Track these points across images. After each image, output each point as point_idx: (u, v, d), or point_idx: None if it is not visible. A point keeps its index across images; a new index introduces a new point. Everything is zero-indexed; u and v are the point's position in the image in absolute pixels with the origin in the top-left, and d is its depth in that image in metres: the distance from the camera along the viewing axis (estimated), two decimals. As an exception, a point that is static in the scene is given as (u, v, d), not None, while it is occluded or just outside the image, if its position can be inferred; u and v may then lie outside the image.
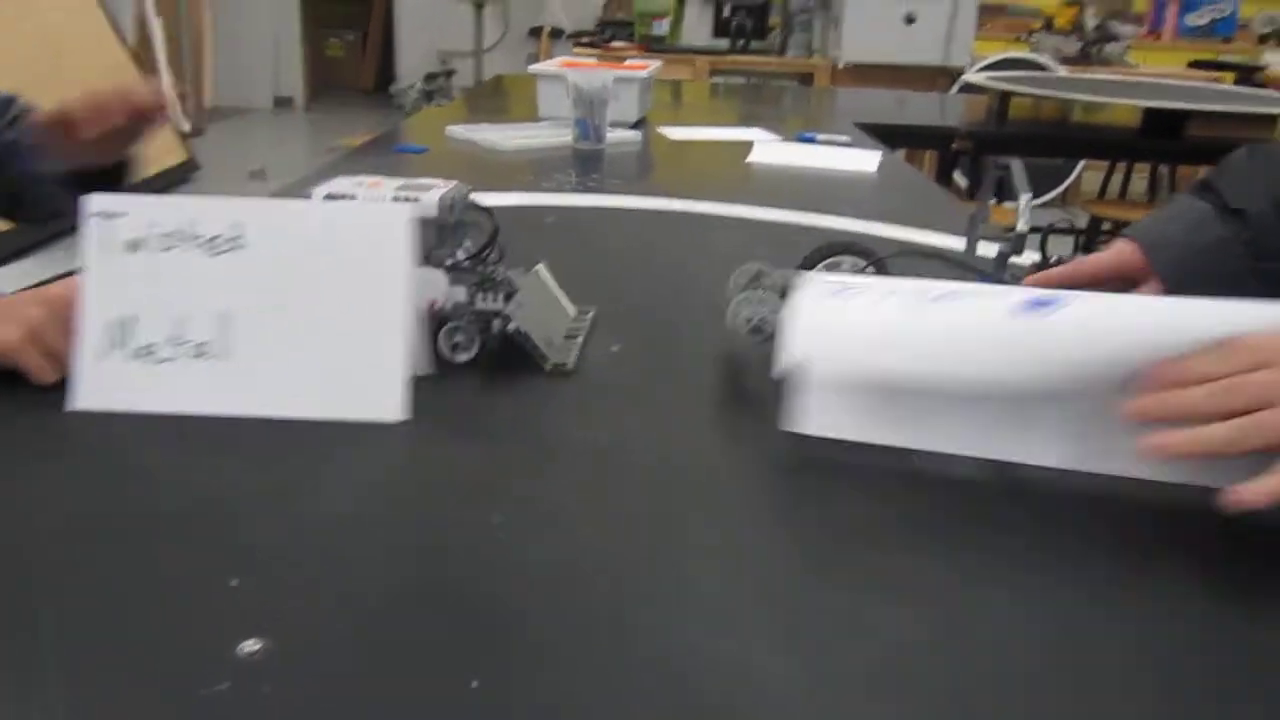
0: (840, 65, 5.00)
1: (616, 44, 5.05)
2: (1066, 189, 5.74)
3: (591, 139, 1.87)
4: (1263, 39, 7.18)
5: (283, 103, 8.55)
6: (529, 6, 7.93)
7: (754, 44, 5.06)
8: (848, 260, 0.79)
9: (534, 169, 1.65)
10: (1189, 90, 3.17)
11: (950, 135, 2.89)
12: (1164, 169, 4.51)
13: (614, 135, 1.92)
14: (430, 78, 7.40)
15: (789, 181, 1.65)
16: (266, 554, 0.50)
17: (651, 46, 4.96)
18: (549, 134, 1.93)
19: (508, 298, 0.73)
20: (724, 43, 5.06)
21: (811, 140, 2.07)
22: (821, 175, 1.71)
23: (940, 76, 5.05)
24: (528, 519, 0.54)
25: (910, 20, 4.89)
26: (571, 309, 0.82)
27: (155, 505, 0.54)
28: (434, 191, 0.74)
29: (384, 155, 1.77)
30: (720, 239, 1.15)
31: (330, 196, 0.73)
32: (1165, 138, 2.81)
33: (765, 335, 0.71)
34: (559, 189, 1.48)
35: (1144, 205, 3.74)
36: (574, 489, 0.58)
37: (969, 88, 4.21)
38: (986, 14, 6.55)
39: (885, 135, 2.44)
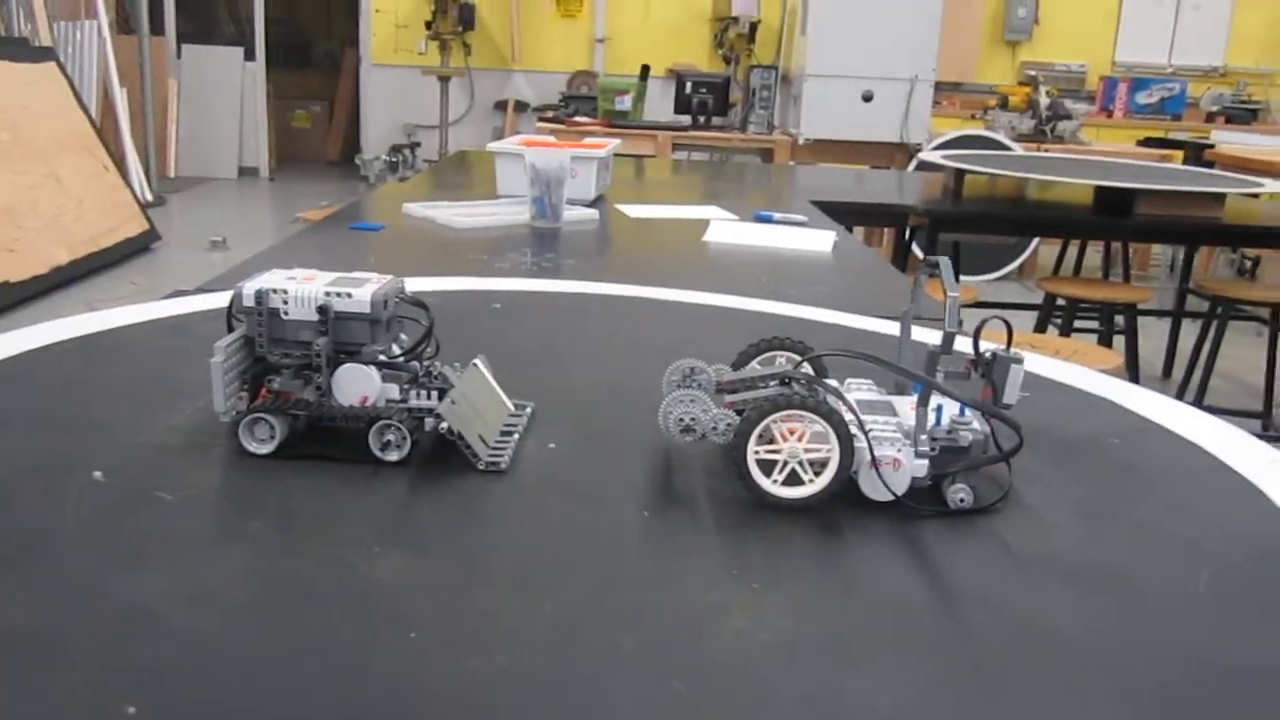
0: (800, 141, 5.08)
1: (580, 119, 5.11)
2: (1023, 264, 5.83)
3: (549, 217, 1.87)
4: (1210, 117, 7.39)
5: (247, 172, 8.56)
6: (494, 80, 8.03)
7: (715, 120, 5.13)
8: (782, 355, 0.78)
9: (488, 248, 1.65)
10: (1139, 169, 3.23)
11: (907, 213, 2.93)
12: (1118, 245, 4.59)
13: (572, 213, 1.93)
14: (395, 149, 7.44)
15: (743, 263, 1.65)
16: (166, 675, 0.48)
17: (614, 122, 5.02)
18: (506, 212, 1.93)
19: (441, 395, 0.71)
20: (686, 119, 5.13)
21: (769, 220, 2.09)
22: (776, 256, 1.71)
23: (898, 152, 5.15)
24: (449, 632, 0.52)
25: (868, 98, 4.99)
26: (509, 404, 0.81)
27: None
28: (366, 288, 0.72)
29: (340, 232, 1.76)
30: (669, 327, 1.15)
31: (260, 292, 0.71)
32: (1117, 215, 2.86)
33: (697, 435, 0.70)
34: (511, 271, 1.47)
35: (1098, 281, 3.79)
36: (499, 598, 0.56)
37: (925, 165, 4.29)
38: (942, 91, 6.71)
39: (843, 213, 2.47)
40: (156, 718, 0.45)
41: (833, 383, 0.73)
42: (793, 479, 0.67)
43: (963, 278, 4.16)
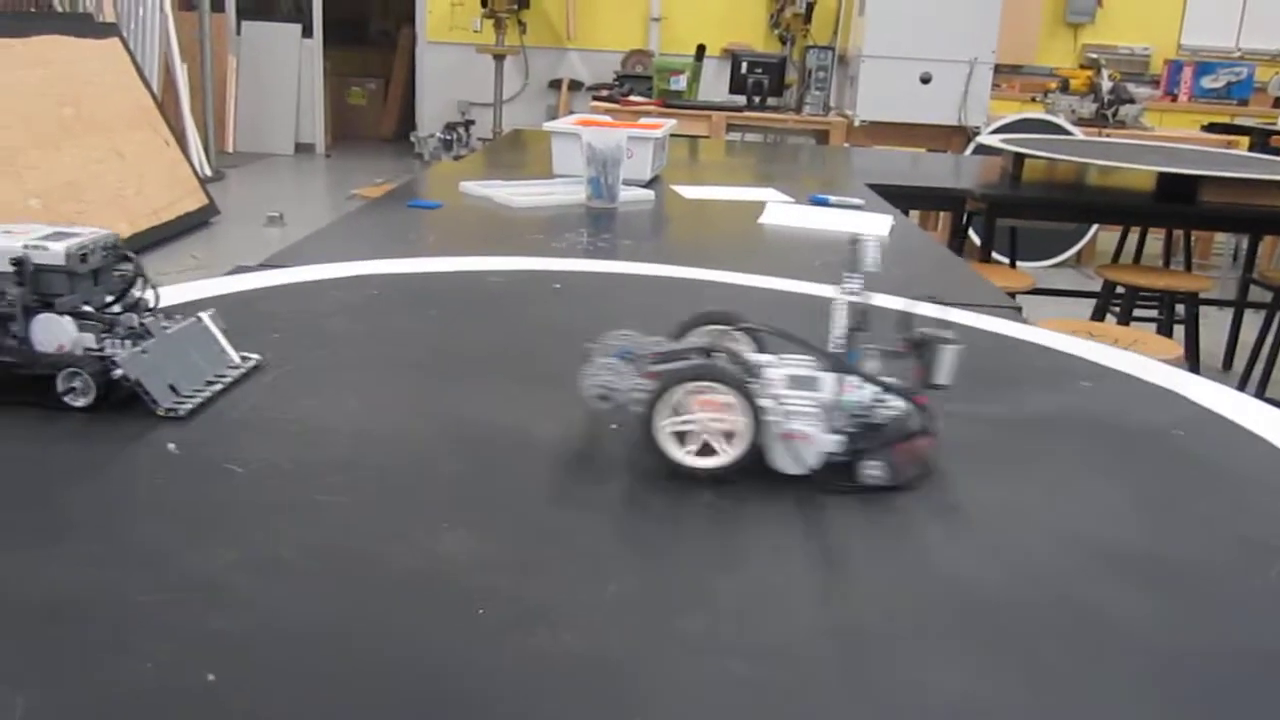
0: (856, 123, 5.04)
1: (635, 98, 5.10)
2: (1081, 250, 5.74)
3: (605, 198, 1.88)
4: (1278, 102, 7.20)
5: (304, 149, 8.65)
6: (549, 59, 8.03)
7: (771, 101, 5.10)
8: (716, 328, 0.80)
9: (545, 228, 1.65)
10: (1203, 155, 3.17)
11: (964, 197, 2.90)
12: (1179, 233, 4.51)
13: (628, 194, 1.93)
14: (450, 127, 7.47)
15: (800, 246, 1.65)
16: (245, 644, 0.49)
17: (669, 101, 5.01)
18: (562, 191, 1.94)
19: (136, 344, 0.75)
20: (741, 99, 5.10)
21: (825, 202, 2.08)
22: (833, 239, 1.70)
23: (955, 135, 5.08)
24: (515, 610, 0.53)
25: (926, 80, 4.93)
26: (235, 357, 0.84)
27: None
28: (65, 241, 0.75)
29: (398, 210, 1.78)
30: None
31: None
32: (1179, 202, 2.81)
33: (614, 404, 0.72)
34: (568, 251, 1.48)
35: (1158, 270, 3.73)
36: (562, 576, 0.57)
37: (983, 148, 4.23)
38: (1002, 74, 6.61)
39: (899, 196, 2.45)
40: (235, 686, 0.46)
41: (763, 356, 0.75)
42: (709, 450, 0.69)
43: (1019, 264, 4.11)
